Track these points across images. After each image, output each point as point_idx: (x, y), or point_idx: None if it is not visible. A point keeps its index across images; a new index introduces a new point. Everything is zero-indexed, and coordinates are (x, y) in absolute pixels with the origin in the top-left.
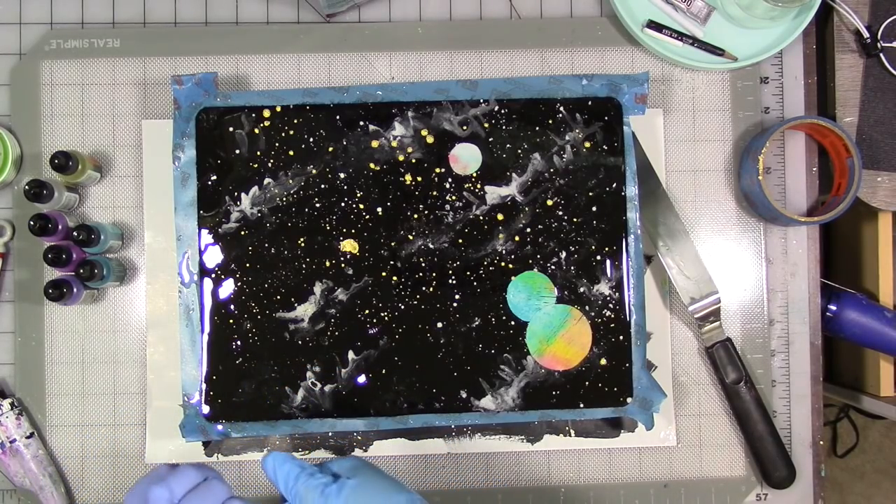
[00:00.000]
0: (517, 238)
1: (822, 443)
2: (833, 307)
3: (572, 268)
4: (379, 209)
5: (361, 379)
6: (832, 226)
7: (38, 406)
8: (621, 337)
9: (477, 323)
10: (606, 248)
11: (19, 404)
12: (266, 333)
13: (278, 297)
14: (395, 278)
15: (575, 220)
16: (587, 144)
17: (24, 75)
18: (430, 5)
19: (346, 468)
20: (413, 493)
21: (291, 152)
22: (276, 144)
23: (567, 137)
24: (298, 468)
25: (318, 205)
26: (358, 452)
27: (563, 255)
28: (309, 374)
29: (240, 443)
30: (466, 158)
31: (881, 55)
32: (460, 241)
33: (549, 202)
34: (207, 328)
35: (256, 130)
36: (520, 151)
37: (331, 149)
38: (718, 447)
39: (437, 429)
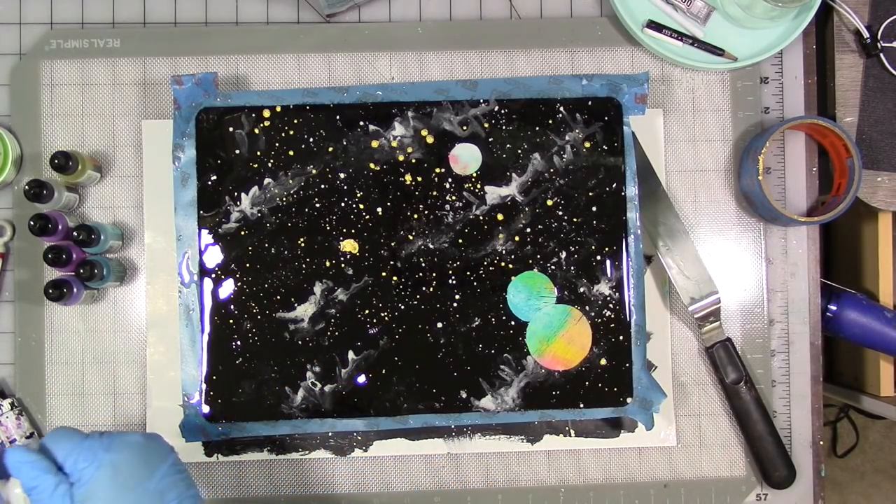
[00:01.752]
0: (517, 238)
1: (822, 443)
2: (833, 307)
3: (572, 268)
4: (379, 209)
5: (361, 379)
6: (832, 226)
7: (38, 406)
8: (621, 337)
9: (477, 323)
10: (606, 248)
11: (19, 404)
12: (266, 333)
13: (278, 297)
14: (395, 278)
15: (575, 220)
16: (587, 144)
17: (24, 75)
18: (430, 5)
19: (82, 493)
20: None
21: (291, 152)
22: (276, 144)
23: (567, 137)
24: (32, 480)
25: (318, 205)
26: (358, 452)
27: (563, 255)
28: (309, 374)
29: (240, 443)
30: (466, 158)
31: (881, 55)
32: (460, 241)
33: (549, 202)
34: (207, 328)
35: (256, 130)
36: (520, 151)
37: (331, 149)
38: (718, 447)
39: (437, 429)
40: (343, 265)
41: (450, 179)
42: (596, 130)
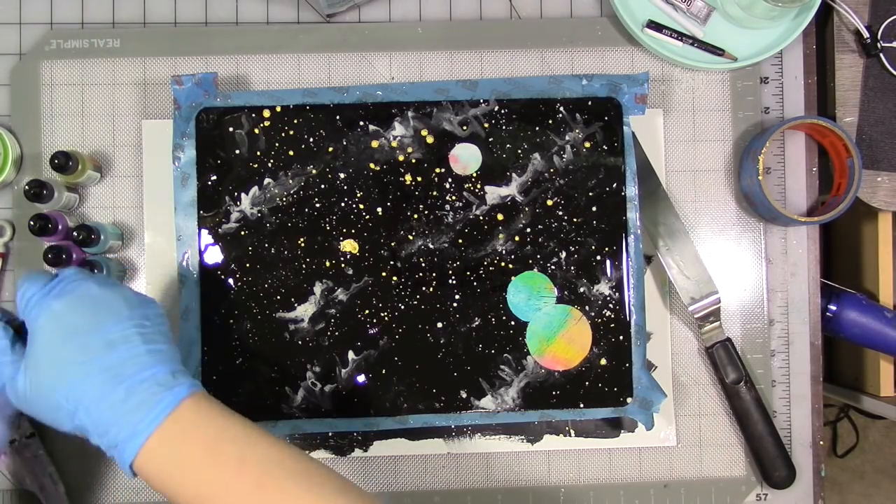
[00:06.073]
0: (517, 238)
1: (822, 443)
2: (833, 307)
3: (572, 268)
4: (379, 209)
5: (361, 379)
6: (832, 226)
7: None
8: (621, 337)
9: (477, 323)
10: (606, 248)
11: None
12: (266, 333)
13: (278, 297)
14: (395, 278)
15: (575, 220)
16: (587, 144)
17: (24, 75)
18: (430, 5)
19: (27, 341)
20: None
21: (291, 152)
22: (276, 144)
23: (567, 137)
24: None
25: (318, 205)
26: (358, 452)
27: (563, 255)
28: (309, 374)
29: None
30: (466, 158)
31: (881, 55)
32: (460, 241)
33: (549, 202)
34: (208, 328)
35: (256, 130)
36: (520, 151)
37: (331, 149)
38: (718, 447)
39: (437, 429)
40: (343, 265)
41: (450, 179)
42: (596, 130)
